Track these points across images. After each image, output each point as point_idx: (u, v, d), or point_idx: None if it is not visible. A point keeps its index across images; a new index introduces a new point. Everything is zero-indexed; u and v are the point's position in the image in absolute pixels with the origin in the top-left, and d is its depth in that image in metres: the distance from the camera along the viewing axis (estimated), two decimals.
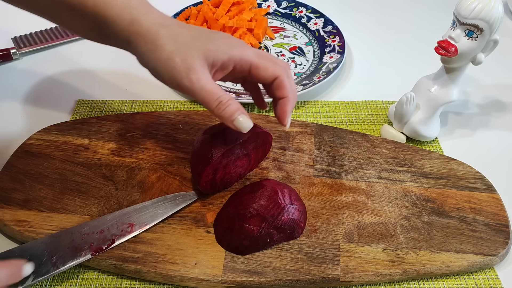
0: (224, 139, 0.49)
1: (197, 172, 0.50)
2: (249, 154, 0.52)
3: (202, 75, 0.44)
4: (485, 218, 0.51)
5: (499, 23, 0.51)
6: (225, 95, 0.45)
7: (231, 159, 0.50)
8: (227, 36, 0.48)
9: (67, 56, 0.74)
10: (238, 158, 0.51)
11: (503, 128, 0.65)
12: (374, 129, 0.63)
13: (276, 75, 0.47)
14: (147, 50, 0.44)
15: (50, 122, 0.61)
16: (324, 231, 0.49)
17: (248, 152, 0.52)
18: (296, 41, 0.77)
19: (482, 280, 0.48)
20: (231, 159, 0.50)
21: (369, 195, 0.53)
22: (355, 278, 0.46)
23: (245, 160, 0.52)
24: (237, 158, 0.51)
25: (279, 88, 0.48)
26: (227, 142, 0.49)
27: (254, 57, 0.46)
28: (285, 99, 0.48)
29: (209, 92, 0.44)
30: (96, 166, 0.55)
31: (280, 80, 0.47)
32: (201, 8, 0.76)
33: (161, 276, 0.46)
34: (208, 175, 0.49)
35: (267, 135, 0.53)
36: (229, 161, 0.50)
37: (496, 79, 0.72)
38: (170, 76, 0.44)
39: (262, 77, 0.47)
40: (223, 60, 0.45)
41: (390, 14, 0.86)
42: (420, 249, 0.48)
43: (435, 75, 0.58)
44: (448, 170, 0.56)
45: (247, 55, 0.46)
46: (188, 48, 0.44)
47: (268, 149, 0.55)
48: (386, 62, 0.75)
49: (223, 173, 0.51)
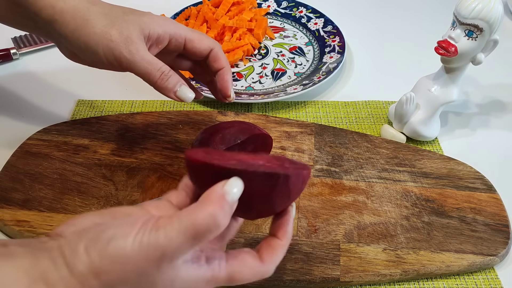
0: (223, 139, 0.49)
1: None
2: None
3: (141, 46, 0.43)
4: (485, 218, 0.51)
5: (499, 23, 0.51)
6: (165, 66, 0.44)
7: None
8: (159, 15, 0.48)
9: None
10: None
11: (503, 128, 0.65)
12: (374, 129, 0.63)
13: (211, 47, 0.48)
14: (77, 26, 0.42)
15: (50, 122, 0.61)
16: (324, 231, 0.49)
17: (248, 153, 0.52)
18: (296, 41, 0.77)
19: (482, 280, 0.48)
20: None
21: (369, 195, 0.53)
22: (355, 278, 0.46)
23: None
24: None
25: (216, 59, 0.48)
26: (225, 142, 0.49)
27: (188, 31, 0.47)
28: (223, 69, 0.48)
29: (150, 62, 0.44)
30: (96, 166, 0.55)
31: (215, 52, 0.48)
32: (201, 8, 0.76)
33: None
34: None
35: (267, 137, 0.53)
36: None
37: (496, 79, 0.72)
38: (106, 50, 0.43)
39: (198, 50, 0.47)
40: (159, 33, 0.45)
41: (390, 14, 0.86)
42: (420, 249, 0.48)
43: (435, 75, 0.58)
44: (448, 170, 0.56)
45: (181, 29, 0.47)
46: (123, 21, 0.43)
47: (269, 151, 0.55)
48: (386, 62, 0.75)
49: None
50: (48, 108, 0.65)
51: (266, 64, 0.73)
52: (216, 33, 0.73)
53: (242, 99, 0.64)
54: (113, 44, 0.42)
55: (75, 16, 0.43)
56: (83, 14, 0.43)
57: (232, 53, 0.71)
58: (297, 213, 0.51)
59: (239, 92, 0.67)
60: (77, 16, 0.43)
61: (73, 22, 0.43)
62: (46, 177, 0.54)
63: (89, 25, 0.42)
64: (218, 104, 0.66)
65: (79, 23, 0.43)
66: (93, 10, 0.43)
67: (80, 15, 0.43)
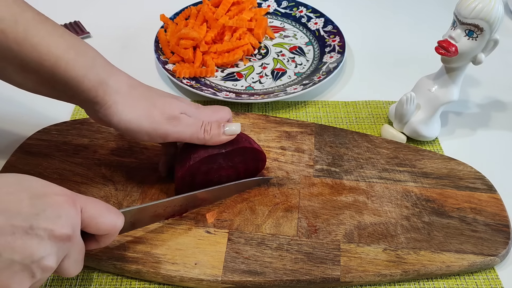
0: (207, 146, 0.49)
1: (176, 172, 0.50)
2: (236, 166, 0.51)
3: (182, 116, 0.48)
4: (485, 218, 0.51)
5: (499, 23, 0.51)
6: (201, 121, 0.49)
7: (212, 167, 0.50)
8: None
9: None
10: (222, 168, 0.51)
11: (503, 128, 0.65)
12: (374, 129, 0.63)
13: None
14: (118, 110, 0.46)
15: (50, 122, 0.61)
16: (324, 231, 0.49)
17: (235, 164, 0.51)
18: (296, 41, 0.77)
19: (483, 280, 0.48)
20: (213, 167, 0.50)
21: (369, 195, 0.53)
22: (355, 279, 0.46)
23: (232, 171, 0.52)
24: (220, 167, 0.50)
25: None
26: (208, 150, 0.49)
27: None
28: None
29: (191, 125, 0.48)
30: (96, 166, 0.55)
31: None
32: (201, 8, 0.76)
33: (161, 276, 0.46)
34: (185, 177, 0.49)
35: (257, 152, 0.52)
36: (210, 168, 0.50)
37: (496, 79, 0.72)
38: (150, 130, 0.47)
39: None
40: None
41: (391, 14, 0.86)
42: (420, 249, 0.48)
43: (435, 75, 0.58)
44: (448, 170, 0.56)
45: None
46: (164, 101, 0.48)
47: (262, 166, 0.54)
48: (386, 62, 0.75)
49: (204, 179, 0.51)
50: (48, 108, 0.65)
51: (266, 64, 0.73)
52: (216, 33, 0.72)
53: (242, 99, 0.64)
54: (156, 125, 0.46)
55: (117, 97, 0.46)
56: (126, 97, 0.46)
57: (232, 53, 0.71)
58: (297, 213, 0.51)
59: (239, 92, 0.67)
60: (119, 98, 0.46)
61: (119, 103, 0.46)
62: (46, 177, 0.53)
63: (132, 105, 0.46)
64: (218, 105, 0.66)
65: (123, 103, 0.46)
66: (135, 94, 0.47)
67: (122, 98, 0.46)
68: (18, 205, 0.35)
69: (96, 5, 0.86)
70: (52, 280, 0.47)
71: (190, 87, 0.65)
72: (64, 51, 0.43)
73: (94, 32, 0.77)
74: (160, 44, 0.73)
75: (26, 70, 0.43)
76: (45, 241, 0.35)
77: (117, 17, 0.83)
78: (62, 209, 0.36)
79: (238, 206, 0.52)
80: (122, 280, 0.47)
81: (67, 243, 0.36)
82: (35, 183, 0.37)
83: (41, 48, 0.42)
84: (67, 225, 0.36)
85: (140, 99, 0.47)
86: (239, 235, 0.49)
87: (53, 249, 0.36)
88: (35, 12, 0.44)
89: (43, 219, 0.35)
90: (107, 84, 0.45)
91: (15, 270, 0.34)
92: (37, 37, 0.42)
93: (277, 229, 0.50)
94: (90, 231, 0.40)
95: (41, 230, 0.35)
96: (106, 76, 0.46)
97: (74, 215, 0.37)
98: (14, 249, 0.34)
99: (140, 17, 0.83)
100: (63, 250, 0.37)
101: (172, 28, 0.74)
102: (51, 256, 0.36)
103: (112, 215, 0.41)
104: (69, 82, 0.44)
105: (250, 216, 0.51)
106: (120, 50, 0.76)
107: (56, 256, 0.36)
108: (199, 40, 0.70)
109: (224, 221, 0.50)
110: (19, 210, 0.34)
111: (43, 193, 0.36)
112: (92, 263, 0.47)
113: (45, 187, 0.37)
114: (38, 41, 0.42)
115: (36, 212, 0.35)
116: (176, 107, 0.48)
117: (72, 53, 0.43)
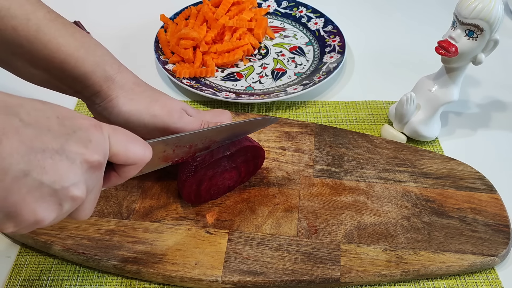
0: (211, 150, 0.49)
1: (181, 182, 0.49)
2: (239, 167, 0.51)
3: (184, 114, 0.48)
4: (485, 218, 0.51)
5: (500, 23, 0.51)
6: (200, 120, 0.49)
7: (217, 171, 0.50)
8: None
9: None
10: (226, 171, 0.51)
11: (503, 128, 0.65)
12: (374, 129, 0.63)
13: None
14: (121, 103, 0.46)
15: None
16: (324, 232, 0.49)
17: (237, 165, 0.51)
18: (296, 41, 0.77)
19: (483, 280, 0.48)
20: (218, 171, 0.50)
21: (369, 196, 0.53)
22: (355, 279, 0.46)
23: (234, 173, 0.52)
24: (224, 170, 0.50)
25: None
26: (213, 154, 0.49)
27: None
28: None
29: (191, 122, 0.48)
30: None
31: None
32: (201, 8, 0.76)
33: (161, 276, 0.46)
34: (192, 185, 0.49)
35: (258, 149, 0.52)
36: (215, 173, 0.50)
37: (496, 79, 0.72)
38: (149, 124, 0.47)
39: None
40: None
41: (390, 14, 0.86)
42: (420, 250, 0.48)
43: (435, 75, 0.58)
44: (448, 170, 0.56)
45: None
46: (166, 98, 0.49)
47: (261, 163, 0.54)
48: (386, 62, 0.75)
49: (209, 185, 0.50)
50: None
51: (266, 64, 0.73)
52: (216, 33, 0.72)
53: (242, 99, 0.64)
54: (156, 119, 0.47)
55: (121, 92, 0.46)
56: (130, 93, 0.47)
57: (232, 53, 0.71)
58: (297, 213, 0.51)
59: (239, 92, 0.67)
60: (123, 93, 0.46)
61: (122, 97, 0.46)
62: None
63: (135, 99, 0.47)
64: (218, 105, 0.66)
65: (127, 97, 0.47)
66: (137, 90, 0.47)
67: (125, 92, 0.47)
68: (47, 122, 0.31)
69: (96, 5, 0.86)
70: (52, 280, 0.47)
71: (190, 87, 0.65)
72: (74, 49, 0.44)
73: (94, 32, 0.77)
74: (160, 44, 0.73)
75: (35, 66, 0.44)
76: (77, 165, 0.32)
77: (117, 17, 0.83)
78: (92, 133, 0.33)
79: (238, 206, 0.52)
80: (122, 280, 0.47)
81: (96, 172, 0.34)
82: (60, 107, 0.33)
83: (52, 46, 0.43)
84: (98, 150, 0.33)
85: (142, 95, 0.47)
86: (239, 235, 0.49)
87: (83, 177, 0.32)
88: (48, 10, 0.44)
89: (74, 141, 0.32)
90: (113, 80, 0.46)
91: (43, 194, 0.31)
92: (48, 35, 0.43)
93: (277, 229, 0.50)
94: (117, 160, 0.36)
95: (72, 153, 0.31)
96: (114, 73, 0.46)
97: (103, 141, 0.34)
98: (44, 168, 0.30)
99: (140, 17, 0.83)
100: (92, 180, 0.34)
101: (172, 28, 0.74)
102: (81, 184, 0.32)
103: (141, 144, 0.38)
104: (77, 78, 0.45)
105: (250, 216, 0.51)
106: (120, 50, 0.76)
107: (85, 185, 0.33)
108: (199, 40, 0.70)
109: (224, 221, 0.50)
110: (49, 127, 0.31)
111: (70, 115, 0.33)
112: (92, 263, 0.47)
113: (71, 111, 0.34)
114: (49, 39, 0.43)
115: (67, 132, 0.32)
116: (177, 104, 0.48)
117: (82, 51, 0.44)
